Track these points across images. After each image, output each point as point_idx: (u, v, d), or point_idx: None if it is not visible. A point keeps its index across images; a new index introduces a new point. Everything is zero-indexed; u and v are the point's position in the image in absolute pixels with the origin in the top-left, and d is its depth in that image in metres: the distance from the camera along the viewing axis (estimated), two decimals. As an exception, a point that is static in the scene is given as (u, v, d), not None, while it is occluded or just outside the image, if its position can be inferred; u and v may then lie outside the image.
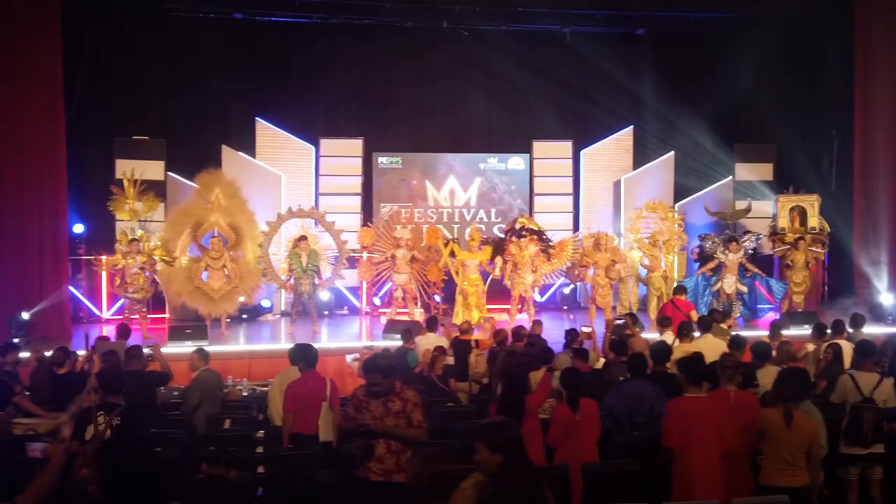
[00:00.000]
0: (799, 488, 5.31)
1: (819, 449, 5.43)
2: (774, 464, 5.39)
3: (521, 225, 14.06)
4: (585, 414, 6.01)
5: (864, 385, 6.51)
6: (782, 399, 5.44)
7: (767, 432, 5.41)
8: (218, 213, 13.60)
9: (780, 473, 5.36)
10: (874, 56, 15.26)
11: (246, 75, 16.30)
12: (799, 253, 14.81)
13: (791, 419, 5.35)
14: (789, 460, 5.35)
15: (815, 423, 5.53)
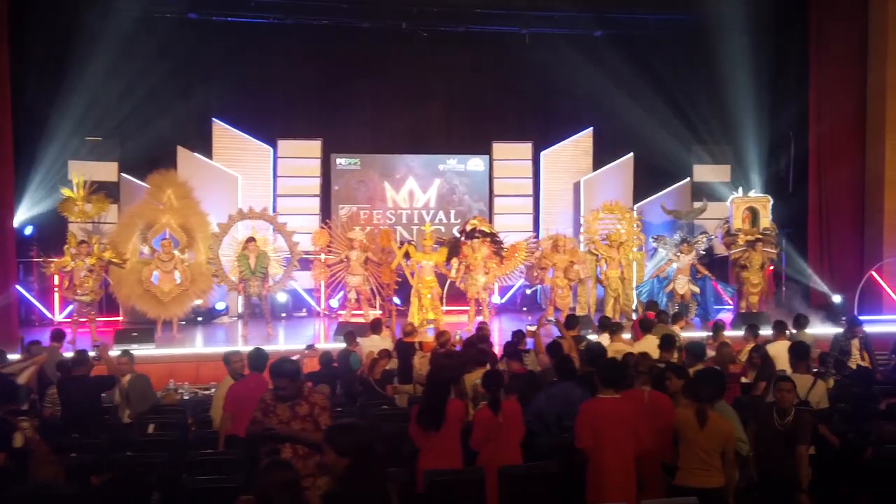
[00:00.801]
0: (714, 489, 5.32)
1: (733, 449, 5.42)
2: (689, 464, 5.39)
3: (473, 227, 14.05)
4: (508, 416, 5.96)
5: (800, 387, 6.52)
6: (697, 399, 5.43)
7: (681, 433, 5.41)
8: (169, 214, 13.49)
9: (695, 474, 5.36)
10: (828, 58, 15.43)
11: (202, 76, 16.17)
12: (755, 254, 14.89)
13: (705, 420, 5.35)
14: (704, 460, 5.35)
15: (730, 423, 5.52)
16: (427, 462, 5.77)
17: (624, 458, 5.40)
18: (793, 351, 7.32)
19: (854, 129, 15.57)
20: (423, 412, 5.84)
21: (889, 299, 15.16)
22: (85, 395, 7.76)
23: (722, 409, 5.69)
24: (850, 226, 15.72)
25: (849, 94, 15.50)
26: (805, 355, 7.05)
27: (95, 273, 12.59)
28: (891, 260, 15.15)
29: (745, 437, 5.79)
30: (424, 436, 5.84)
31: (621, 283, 14.83)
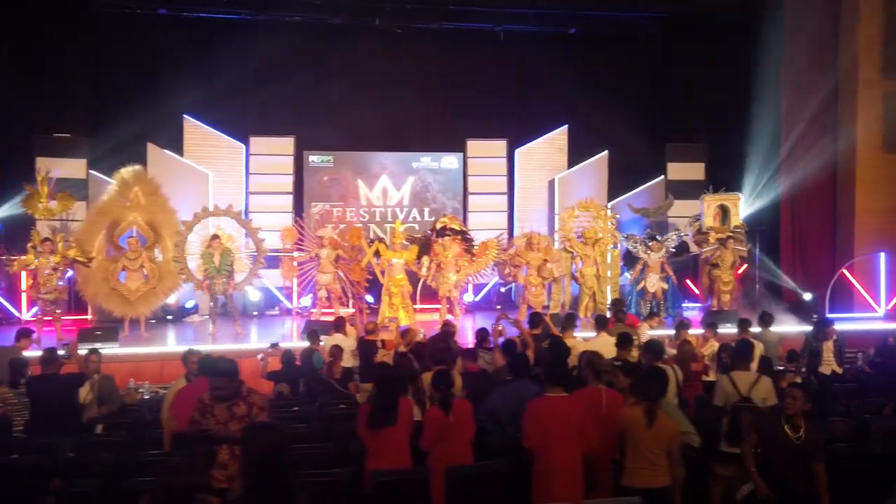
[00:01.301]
0: (660, 488, 5.28)
1: (679, 448, 5.39)
2: (635, 464, 5.35)
3: (443, 224, 13.98)
4: (459, 416, 5.91)
5: (742, 384, 6.50)
6: (647, 398, 5.40)
7: (628, 432, 5.37)
8: (136, 211, 13.35)
9: (641, 474, 5.32)
10: (799, 55, 15.45)
11: (174, 72, 16.01)
12: (727, 252, 14.87)
13: (653, 419, 5.32)
14: (651, 460, 5.31)
15: (676, 422, 5.49)
16: (375, 462, 5.71)
17: (570, 457, 5.35)
18: (735, 349, 7.28)
19: (826, 127, 15.57)
20: (375, 412, 5.77)
21: (860, 297, 15.20)
22: (55, 393, 7.64)
23: (666, 407, 5.65)
24: (822, 224, 15.76)
25: (821, 91, 15.50)
26: (747, 354, 6.99)
27: (60, 271, 12.43)
28: (862, 258, 15.19)
29: (692, 430, 5.77)
30: (374, 436, 5.78)
31: (597, 281, 14.78)
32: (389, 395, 5.78)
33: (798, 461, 5.48)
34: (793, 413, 5.52)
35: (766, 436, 5.59)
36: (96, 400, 8.29)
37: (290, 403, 8.37)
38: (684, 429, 5.64)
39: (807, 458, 5.48)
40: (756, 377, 6.57)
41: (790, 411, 5.53)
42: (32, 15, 14.62)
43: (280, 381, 9.38)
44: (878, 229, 15.10)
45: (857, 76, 15.05)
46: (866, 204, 15.13)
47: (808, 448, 5.48)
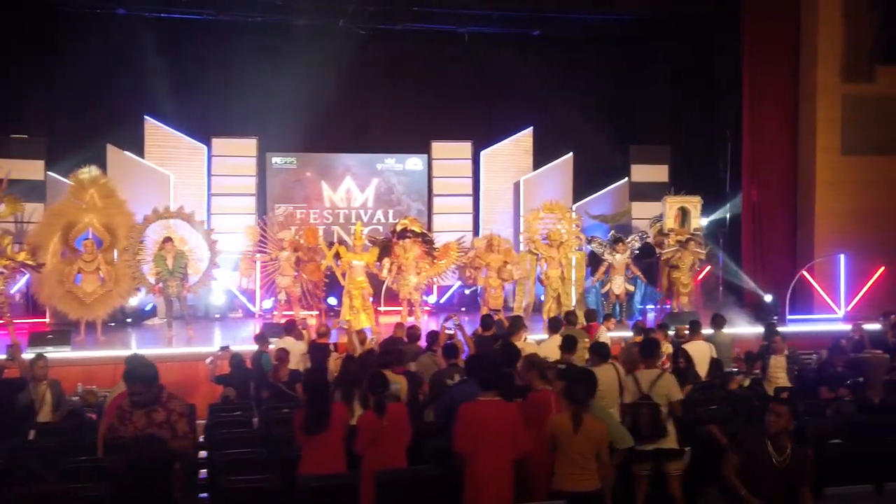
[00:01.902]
0: (589, 492, 5.27)
1: (607, 450, 5.38)
2: (564, 469, 5.32)
3: (403, 227, 13.93)
4: (393, 419, 5.86)
5: (644, 382, 6.51)
6: (571, 401, 5.37)
7: (557, 437, 5.34)
8: (92, 213, 13.18)
9: (570, 478, 5.29)
10: (761, 60, 15.56)
11: (134, 73, 15.81)
12: (686, 254, 14.90)
13: (580, 422, 5.29)
14: (580, 464, 5.28)
15: (604, 424, 5.47)
16: (308, 467, 5.66)
17: (501, 462, 5.32)
18: (641, 348, 7.22)
19: (787, 130, 15.69)
20: (308, 417, 5.72)
21: (820, 299, 15.30)
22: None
23: (597, 410, 5.64)
24: (783, 226, 15.86)
25: (782, 95, 15.62)
26: (652, 352, 6.97)
27: (6, 275, 12.25)
28: (822, 260, 15.29)
29: (624, 432, 5.75)
30: (308, 441, 5.73)
31: (562, 283, 14.75)
32: (321, 400, 5.73)
33: (782, 485, 5.09)
34: (776, 432, 5.06)
35: (747, 457, 5.13)
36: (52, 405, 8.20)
37: (233, 408, 8.27)
38: (615, 432, 5.62)
39: (792, 482, 5.11)
40: (658, 374, 6.56)
41: (773, 430, 5.06)
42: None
43: (228, 384, 9.29)
44: (837, 232, 15.23)
45: (816, 80, 15.15)
46: (826, 207, 15.26)
47: (793, 470, 5.08)
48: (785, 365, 9.32)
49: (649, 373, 6.57)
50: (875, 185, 15.27)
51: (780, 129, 15.67)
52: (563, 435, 5.30)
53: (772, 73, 15.50)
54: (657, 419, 6.20)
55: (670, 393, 6.40)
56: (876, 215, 15.20)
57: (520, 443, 5.37)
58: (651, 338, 8.03)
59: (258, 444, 6.36)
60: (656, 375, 6.51)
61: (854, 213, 15.19)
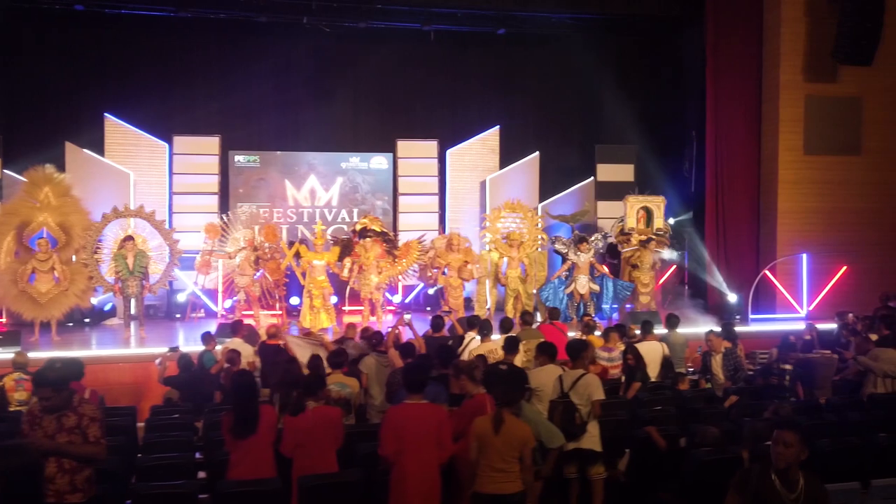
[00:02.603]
0: (510, 495, 5.22)
1: (530, 453, 5.32)
2: (486, 471, 5.26)
3: (363, 226, 13.82)
4: (319, 422, 5.74)
5: (567, 381, 6.52)
6: (496, 403, 5.31)
7: (479, 439, 5.27)
8: (47, 212, 12.97)
9: (492, 480, 5.24)
10: (724, 59, 15.53)
11: (94, 70, 15.72)
12: (647, 253, 14.89)
13: (501, 424, 5.22)
14: (501, 466, 5.22)
15: (527, 426, 5.41)
16: (237, 472, 5.56)
17: (426, 465, 5.25)
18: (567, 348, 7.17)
19: (750, 129, 15.69)
20: (235, 421, 5.61)
21: (783, 298, 15.32)
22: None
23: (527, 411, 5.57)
24: (746, 225, 15.84)
25: (745, 94, 15.62)
26: (577, 353, 6.91)
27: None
28: (784, 259, 15.31)
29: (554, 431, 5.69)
30: (236, 445, 5.62)
31: (521, 283, 14.70)
32: (249, 403, 5.62)
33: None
34: (785, 466, 4.16)
35: (752, 499, 4.23)
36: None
37: (174, 410, 8.14)
38: (545, 431, 5.56)
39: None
40: (580, 374, 6.54)
41: (782, 464, 4.16)
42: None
43: (176, 386, 9.16)
44: (799, 231, 15.25)
45: (779, 79, 15.16)
46: (788, 206, 15.27)
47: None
48: (722, 363, 9.30)
49: (573, 373, 6.55)
50: (837, 184, 15.32)
51: (744, 128, 15.64)
52: (484, 437, 5.24)
53: (735, 72, 15.46)
54: (571, 417, 6.15)
55: (591, 393, 6.36)
56: (838, 215, 15.25)
57: (445, 446, 5.30)
58: (577, 339, 7.99)
59: (187, 448, 6.23)
60: (578, 375, 6.46)
61: (816, 212, 15.23)
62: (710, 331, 9.95)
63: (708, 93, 15.62)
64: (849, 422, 7.05)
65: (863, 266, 15.27)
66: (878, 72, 14.83)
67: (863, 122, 15.35)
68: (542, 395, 6.83)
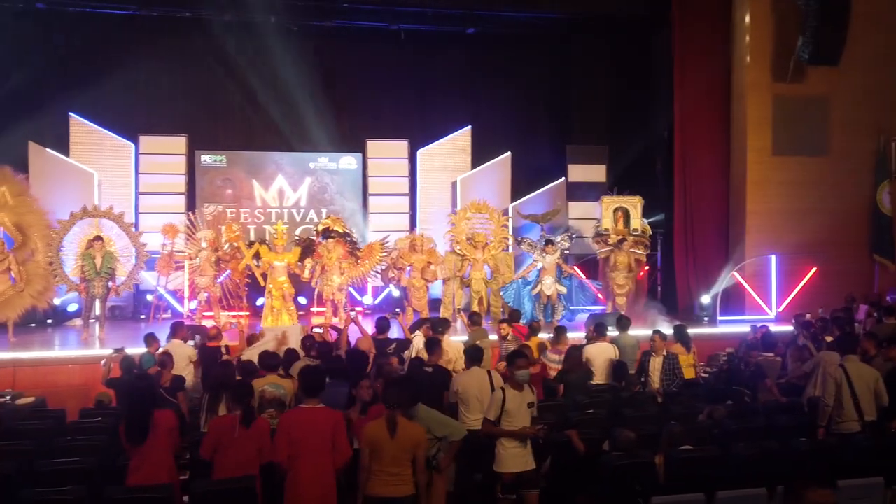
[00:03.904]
0: (402, 498, 5.16)
1: (423, 456, 5.24)
2: (379, 475, 5.18)
3: (326, 226, 13.69)
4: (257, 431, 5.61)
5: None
6: (387, 406, 5.24)
7: (371, 444, 5.17)
8: (3, 212, 12.88)
9: (384, 484, 5.16)
10: (692, 59, 15.43)
11: (59, 69, 15.61)
12: (622, 254, 14.78)
13: (395, 427, 5.15)
14: (394, 470, 5.16)
15: (421, 429, 5.33)
16: (134, 478, 5.45)
17: (320, 470, 5.16)
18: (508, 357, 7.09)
19: (719, 129, 15.57)
20: (126, 426, 5.50)
21: (752, 300, 15.20)
22: None
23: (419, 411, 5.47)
24: (715, 226, 15.72)
25: (714, 94, 15.51)
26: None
27: None
28: (752, 260, 15.19)
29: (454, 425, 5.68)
30: (134, 451, 5.51)
31: (485, 285, 14.59)
32: (139, 408, 5.50)
33: None
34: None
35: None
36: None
37: (101, 413, 8.02)
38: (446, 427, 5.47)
39: None
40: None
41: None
42: None
43: (114, 388, 9.03)
44: (768, 232, 15.12)
45: (747, 79, 15.04)
46: (756, 207, 15.14)
47: None
48: (660, 367, 9.11)
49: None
50: (805, 185, 15.17)
51: (713, 128, 15.53)
52: (378, 441, 5.16)
53: (703, 72, 15.32)
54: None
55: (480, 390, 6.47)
56: (807, 216, 15.08)
57: (341, 450, 5.19)
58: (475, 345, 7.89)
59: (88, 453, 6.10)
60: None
61: (785, 213, 15.08)
62: (656, 331, 9.78)
63: (675, 93, 15.51)
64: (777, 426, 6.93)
65: (832, 268, 15.15)
66: (844, 72, 14.68)
67: (830, 122, 15.20)
68: (466, 397, 6.75)
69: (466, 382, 6.85)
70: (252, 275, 13.65)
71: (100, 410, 8.25)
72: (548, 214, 15.92)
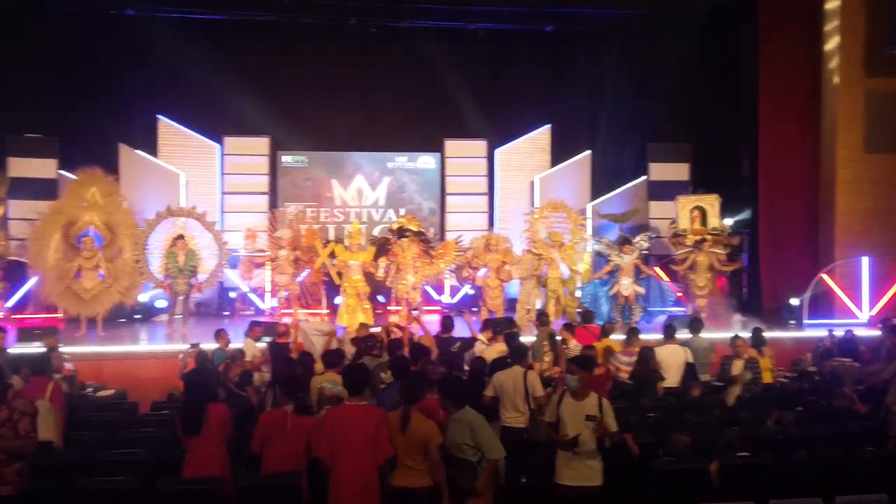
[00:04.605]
0: (418, 489, 5.20)
1: (435, 450, 5.23)
2: (398, 465, 5.26)
3: (400, 225, 13.78)
4: (296, 427, 5.69)
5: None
6: (403, 401, 5.32)
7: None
8: (93, 211, 13.44)
9: (402, 474, 5.25)
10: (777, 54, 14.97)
11: (148, 73, 16.15)
12: (701, 255, 14.38)
13: (407, 423, 5.20)
14: (408, 463, 5.22)
15: (431, 424, 5.32)
16: (188, 470, 5.58)
17: (361, 467, 5.16)
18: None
19: (806, 126, 15.00)
20: (182, 419, 5.65)
21: (841, 303, 14.59)
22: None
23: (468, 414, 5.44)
24: (803, 226, 15.16)
25: (801, 90, 14.96)
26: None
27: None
28: (843, 262, 14.57)
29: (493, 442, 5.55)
30: (188, 442, 5.66)
31: (561, 284, 14.42)
32: (193, 401, 5.63)
33: None
34: None
35: None
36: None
37: (167, 407, 8.26)
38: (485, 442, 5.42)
39: None
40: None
41: None
42: (3, 12, 14.71)
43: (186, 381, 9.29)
44: (859, 232, 14.48)
45: (838, 74, 14.43)
46: (847, 206, 14.52)
47: None
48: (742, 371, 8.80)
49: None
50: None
51: (800, 124, 14.99)
52: (392, 434, 5.23)
53: (790, 67, 14.85)
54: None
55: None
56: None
57: (383, 449, 5.20)
58: (521, 344, 7.77)
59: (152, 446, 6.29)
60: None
61: (877, 213, 14.41)
62: (737, 335, 9.48)
63: (760, 88, 15.03)
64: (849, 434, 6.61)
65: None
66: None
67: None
68: (502, 395, 6.90)
69: (503, 379, 6.87)
70: (329, 273, 13.86)
71: (169, 403, 8.49)
72: (626, 214, 15.65)
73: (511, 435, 6.59)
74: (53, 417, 6.47)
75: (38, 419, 6.31)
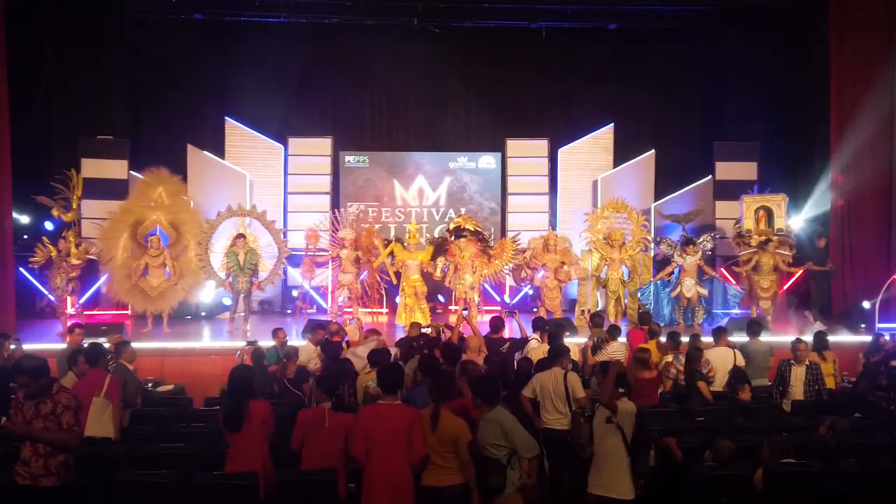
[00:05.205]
0: (448, 487, 5.24)
1: (465, 448, 5.26)
2: (429, 464, 5.28)
3: (457, 225, 13.80)
4: (335, 424, 5.76)
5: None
6: (432, 399, 5.37)
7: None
8: (160, 211, 13.81)
9: (430, 474, 5.28)
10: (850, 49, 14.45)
11: (216, 76, 16.58)
12: (766, 256, 14.02)
13: (437, 421, 5.23)
14: (437, 462, 5.25)
15: (461, 422, 5.33)
16: (231, 465, 5.69)
17: (395, 467, 5.20)
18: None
19: (881, 124, 14.44)
20: (225, 415, 5.76)
21: (917, 308, 14.05)
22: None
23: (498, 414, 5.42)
24: (876, 227, 14.61)
25: (875, 87, 14.39)
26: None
27: (63, 269, 12.98)
28: (918, 265, 14.03)
29: (527, 440, 5.53)
30: (231, 438, 5.77)
31: (622, 285, 14.25)
32: (238, 396, 5.73)
33: None
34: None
35: None
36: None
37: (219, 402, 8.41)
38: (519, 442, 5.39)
39: None
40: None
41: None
42: (76, 20, 15.19)
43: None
44: (936, 234, 13.91)
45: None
46: (923, 209, 13.95)
47: None
48: (804, 377, 8.51)
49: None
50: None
51: (875, 122, 14.39)
52: (424, 433, 5.28)
53: (865, 61, 14.28)
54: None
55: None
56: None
57: (416, 448, 5.22)
58: (561, 344, 7.68)
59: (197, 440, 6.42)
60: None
61: (957, 213, 13.83)
62: (798, 339, 9.17)
63: (832, 85, 14.55)
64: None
65: None
66: None
67: None
68: (542, 396, 6.90)
69: (544, 380, 6.86)
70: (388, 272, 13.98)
71: (221, 399, 8.65)
72: (690, 215, 15.36)
73: (553, 436, 6.54)
74: (110, 412, 6.62)
75: (94, 415, 6.57)
